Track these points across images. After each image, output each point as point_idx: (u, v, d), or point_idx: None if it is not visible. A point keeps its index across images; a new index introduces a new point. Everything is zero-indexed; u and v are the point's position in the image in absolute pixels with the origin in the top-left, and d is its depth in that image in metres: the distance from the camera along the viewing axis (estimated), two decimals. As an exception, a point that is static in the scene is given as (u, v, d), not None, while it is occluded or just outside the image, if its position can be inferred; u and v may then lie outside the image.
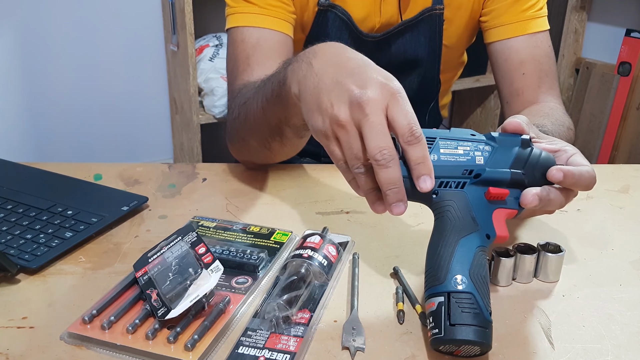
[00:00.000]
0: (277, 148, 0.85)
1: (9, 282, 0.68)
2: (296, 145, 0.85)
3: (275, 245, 0.74)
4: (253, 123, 0.84)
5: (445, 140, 0.61)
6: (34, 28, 2.10)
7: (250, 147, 0.89)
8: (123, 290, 0.65)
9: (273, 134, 0.81)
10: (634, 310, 0.65)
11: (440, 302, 0.56)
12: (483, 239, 0.59)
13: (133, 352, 0.57)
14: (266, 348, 0.57)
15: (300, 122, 0.73)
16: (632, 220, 0.84)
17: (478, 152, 0.61)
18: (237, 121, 0.89)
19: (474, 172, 0.60)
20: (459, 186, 0.60)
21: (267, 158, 0.91)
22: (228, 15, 1.00)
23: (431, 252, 0.59)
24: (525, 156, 0.62)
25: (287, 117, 0.74)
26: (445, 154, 0.61)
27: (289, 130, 0.78)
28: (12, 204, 0.81)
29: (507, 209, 0.61)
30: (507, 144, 0.62)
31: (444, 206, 0.60)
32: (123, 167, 0.96)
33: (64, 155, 2.28)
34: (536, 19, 1.00)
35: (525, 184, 0.62)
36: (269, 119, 0.79)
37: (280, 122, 0.77)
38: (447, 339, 0.54)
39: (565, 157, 0.66)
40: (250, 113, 0.83)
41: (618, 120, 2.27)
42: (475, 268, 0.57)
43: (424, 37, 1.02)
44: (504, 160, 0.62)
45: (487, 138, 0.63)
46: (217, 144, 2.28)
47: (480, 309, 0.55)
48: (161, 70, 2.34)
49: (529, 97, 1.00)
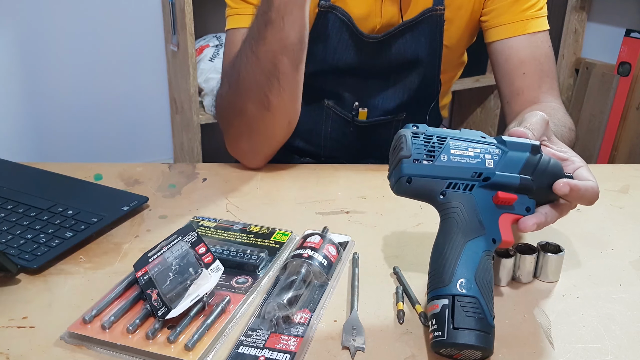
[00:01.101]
0: (276, 100, 0.86)
1: (9, 282, 0.68)
2: (294, 86, 0.87)
3: (275, 245, 0.74)
4: (247, 80, 0.87)
5: (457, 141, 0.60)
6: (34, 28, 2.10)
7: (249, 119, 0.90)
8: (123, 290, 0.65)
9: (269, 78, 0.84)
10: (634, 310, 0.65)
11: (444, 304, 0.55)
12: (489, 243, 0.58)
13: (133, 352, 0.57)
14: (266, 348, 0.57)
15: (292, 30, 0.80)
16: (632, 220, 0.84)
17: (488, 155, 0.61)
18: (229, 94, 0.91)
19: (483, 175, 0.60)
20: (467, 188, 0.60)
21: (268, 126, 0.91)
22: (228, 16, 1.00)
23: (436, 254, 0.59)
24: (535, 162, 0.62)
25: (282, 37, 0.81)
26: (455, 154, 0.60)
27: (285, 62, 0.82)
28: (13, 204, 0.81)
29: (513, 214, 0.61)
30: (517, 149, 0.62)
31: (451, 207, 0.59)
32: (123, 167, 0.96)
33: (64, 155, 2.28)
34: (536, 18, 1.00)
35: (533, 190, 0.61)
36: (262, 60, 0.83)
37: (274, 55, 0.82)
38: (449, 342, 0.54)
39: (572, 167, 0.66)
40: (242, 70, 0.87)
41: (618, 120, 2.27)
42: (480, 272, 0.56)
43: (424, 38, 1.02)
44: (513, 165, 0.61)
45: (497, 141, 0.62)
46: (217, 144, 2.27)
47: (484, 313, 0.55)
48: (161, 70, 2.34)
49: (530, 96, 1.00)
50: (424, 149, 0.59)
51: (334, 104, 1.08)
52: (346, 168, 1.00)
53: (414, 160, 0.59)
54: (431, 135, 0.60)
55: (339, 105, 1.08)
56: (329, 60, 1.04)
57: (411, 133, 0.60)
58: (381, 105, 1.07)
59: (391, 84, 1.06)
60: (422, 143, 0.60)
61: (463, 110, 2.76)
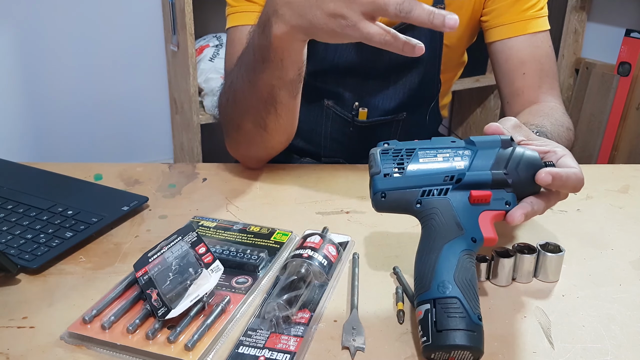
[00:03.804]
0: (273, 124, 0.85)
1: (9, 282, 0.68)
2: (291, 112, 0.85)
3: (275, 245, 0.74)
4: (244, 102, 0.85)
5: (425, 150, 0.62)
6: (34, 28, 2.10)
7: (246, 134, 0.89)
8: (123, 290, 0.65)
9: (266, 105, 0.82)
10: (634, 310, 0.65)
11: (426, 309, 0.56)
12: (468, 242, 0.58)
13: (133, 352, 0.57)
14: (266, 348, 0.57)
15: (291, 69, 0.77)
16: (632, 220, 0.84)
17: (458, 157, 0.61)
18: (228, 107, 0.90)
19: (455, 177, 0.60)
20: (442, 193, 0.60)
21: (266, 142, 0.90)
22: (229, 15, 1.00)
23: (417, 261, 0.59)
24: (507, 156, 0.62)
25: (281, 76, 0.77)
26: (425, 162, 0.61)
27: (282, 94, 0.80)
28: (13, 204, 0.81)
29: (493, 211, 0.61)
30: (487, 146, 0.62)
31: (429, 214, 0.60)
32: (123, 167, 0.96)
33: (64, 155, 2.28)
34: (537, 18, 1.00)
35: (509, 184, 0.61)
36: (259, 89, 0.80)
37: (272, 88, 0.79)
38: (435, 346, 0.54)
39: (555, 158, 0.66)
40: (239, 92, 0.85)
41: (618, 120, 2.27)
42: (460, 272, 0.56)
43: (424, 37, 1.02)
44: (484, 163, 0.61)
45: (466, 143, 0.63)
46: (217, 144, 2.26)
47: (466, 312, 0.54)
48: (161, 70, 2.34)
49: (530, 96, 1.00)
50: (393, 163, 0.61)
51: (334, 104, 1.08)
52: (346, 168, 1.00)
53: (385, 175, 0.60)
54: (400, 149, 0.62)
55: (339, 105, 1.08)
56: (329, 60, 1.04)
57: (380, 150, 0.62)
58: (381, 105, 1.07)
59: (391, 83, 1.06)
60: (390, 157, 0.61)
61: (463, 110, 2.76)
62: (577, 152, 0.70)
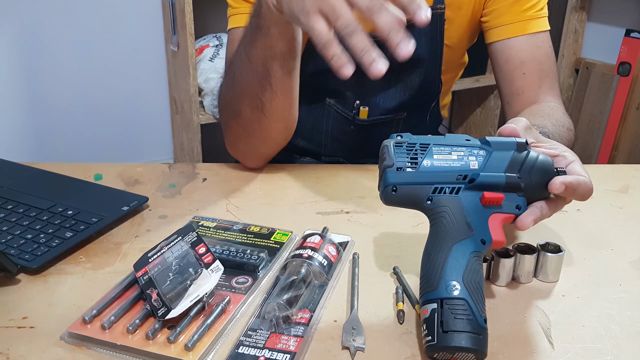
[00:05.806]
0: (269, 104, 0.87)
1: (9, 282, 0.68)
2: (287, 92, 0.87)
3: (275, 245, 0.74)
4: (241, 80, 0.87)
5: (439, 146, 0.61)
6: (34, 28, 2.10)
7: (245, 121, 0.90)
8: (123, 290, 0.65)
9: (261, 80, 0.84)
10: (634, 310, 0.65)
11: (433, 309, 0.55)
12: (478, 244, 0.58)
13: (133, 352, 0.57)
14: (266, 348, 0.57)
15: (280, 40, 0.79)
16: (632, 220, 0.84)
17: (472, 157, 0.61)
18: (227, 92, 0.92)
19: (468, 177, 0.60)
20: (454, 192, 0.60)
21: (264, 129, 0.91)
22: (230, 16, 1.00)
23: (425, 259, 0.59)
24: (521, 159, 0.61)
25: (270, 45, 0.80)
26: (439, 159, 0.60)
27: (275, 67, 0.82)
28: (13, 204, 0.81)
29: (503, 214, 0.61)
30: (502, 148, 0.62)
31: (439, 212, 0.59)
32: (123, 167, 0.96)
33: (64, 155, 2.28)
34: (537, 19, 1.00)
35: (521, 188, 0.61)
36: (254, 62, 0.83)
37: (265, 59, 0.82)
38: (440, 347, 0.54)
39: (564, 163, 0.65)
40: (237, 69, 0.87)
41: (618, 120, 2.27)
42: (468, 274, 0.56)
43: (425, 37, 1.02)
44: (498, 164, 0.61)
45: (481, 142, 0.62)
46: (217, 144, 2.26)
47: (473, 315, 0.54)
48: (161, 70, 2.34)
49: (530, 97, 1.00)
50: (407, 157, 0.60)
51: (335, 103, 1.08)
52: (346, 168, 1.00)
53: (397, 168, 0.60)
54: (414, 143, 0.61)
55: (340, 103, 1.08)
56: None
57: (394, 143, 0.61)
58: (382, 104, 1.07)
59: (392, 83, 1.06)
60: (404, 151, 0.60)
61: (463, 110, 2.76)
62: (577, 152, 0.69)
